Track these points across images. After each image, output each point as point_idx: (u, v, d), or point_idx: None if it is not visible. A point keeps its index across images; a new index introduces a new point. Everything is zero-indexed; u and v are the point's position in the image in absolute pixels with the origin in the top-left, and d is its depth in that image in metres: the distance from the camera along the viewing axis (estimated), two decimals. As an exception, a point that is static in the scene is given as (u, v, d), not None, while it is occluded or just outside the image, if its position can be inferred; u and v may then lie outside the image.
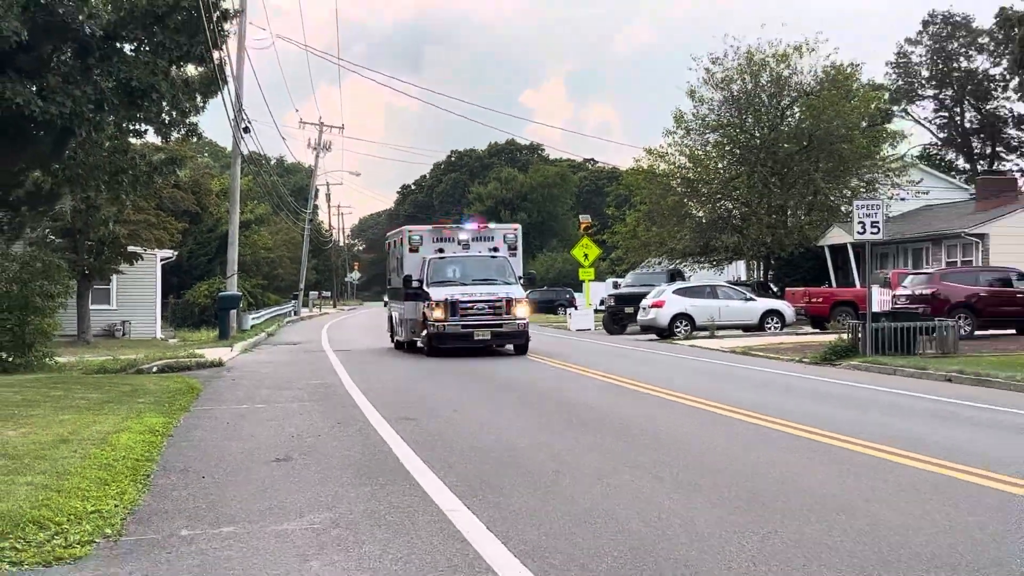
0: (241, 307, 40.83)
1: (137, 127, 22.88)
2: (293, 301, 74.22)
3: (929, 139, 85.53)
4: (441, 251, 28.51)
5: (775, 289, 45.67)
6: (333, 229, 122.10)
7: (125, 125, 22.23)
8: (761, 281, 48.61)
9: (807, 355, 24.88)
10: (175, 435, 12.73)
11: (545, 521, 7.87)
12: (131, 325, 41.52)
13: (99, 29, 19.28)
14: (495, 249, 29.00)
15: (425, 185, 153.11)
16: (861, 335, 23.84)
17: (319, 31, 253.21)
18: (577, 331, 43.00)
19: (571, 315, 48.46)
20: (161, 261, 43.19)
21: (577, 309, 48.11)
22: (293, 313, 70.03)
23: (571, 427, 13.46)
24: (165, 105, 21.66)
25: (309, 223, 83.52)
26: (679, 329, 35.30)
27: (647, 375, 20.79)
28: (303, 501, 8.72)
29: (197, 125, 24.00)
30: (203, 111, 23.53)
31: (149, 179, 24.71)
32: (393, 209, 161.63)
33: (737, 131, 49.68)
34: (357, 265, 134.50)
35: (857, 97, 49.58)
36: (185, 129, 23.41)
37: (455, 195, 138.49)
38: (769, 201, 48.18)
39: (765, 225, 47.64)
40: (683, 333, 35.14)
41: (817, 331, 35.50)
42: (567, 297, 66.46)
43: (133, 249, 38.67)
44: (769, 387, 18.79)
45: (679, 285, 39.66)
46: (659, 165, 52.26)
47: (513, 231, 30.27)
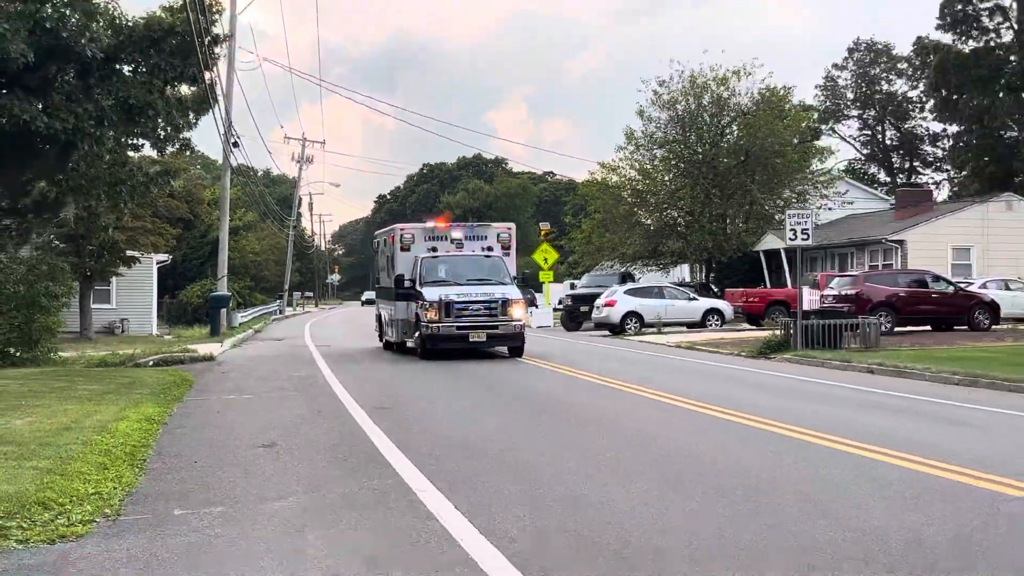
0: (230, 306, 40.56)
1: (135, 141, 22.71)
2: (278, 301, 73.76)
3: (854, 155, 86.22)
4: (434, 250, 25.34)
5: (716, 290, 45.85)
6: (315, 235, 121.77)
7: (124, 140, 22.07)
8: (703, 282, 48.77)
9: (744, 349, 25.02)
10: (169, 423, 12.68)
11: (504, 496, 7.92)
12: (129, 323, 41.34)
13: (100, 52, 19.20)
14: (489, 248, 25.76)
15: (399, 195, 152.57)
16: (793, 331, 23.99)
17: (302, 55, 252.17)
18: (538, 327, 42.96)
19: (532, 313, 48.44)
20: (157, 264, 43.05)
21: (538, 308, 48.13)
22: (278, 312, 69.60)
23: (530, 414, 13.53)
24: (160, 121, 21.51)
25: (293, 230, 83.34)
26: (629, 326, 35.44)
27: (600, 367, 20.82)
28: (286, 483, 8.72)
29: (190, 140, 23.91)
30: (195, 127, 23.40)
31: (146, 189, 24.50)
32: (370, 217, 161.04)
33: (681, 147, 49.80)
34: (337, 268, 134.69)
35: (789, 117, 49.89)
36: (179, 143, 23.28)
37: (427, 204, 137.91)
38: (710, 210, 48.37)
39: (707, 232, 47.83)
40: (633, 329, 35.27)
41: (753, 328, 35.68)
42: (528, 297, 66.35)
43: (131, 253, 38.52)
44: (710, 378, 18.91)
45: (629, 286, 39.84)
46: (611, 177, 52.33)
47: (507, 230, 26.62)
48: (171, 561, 6.25)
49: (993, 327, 30.04)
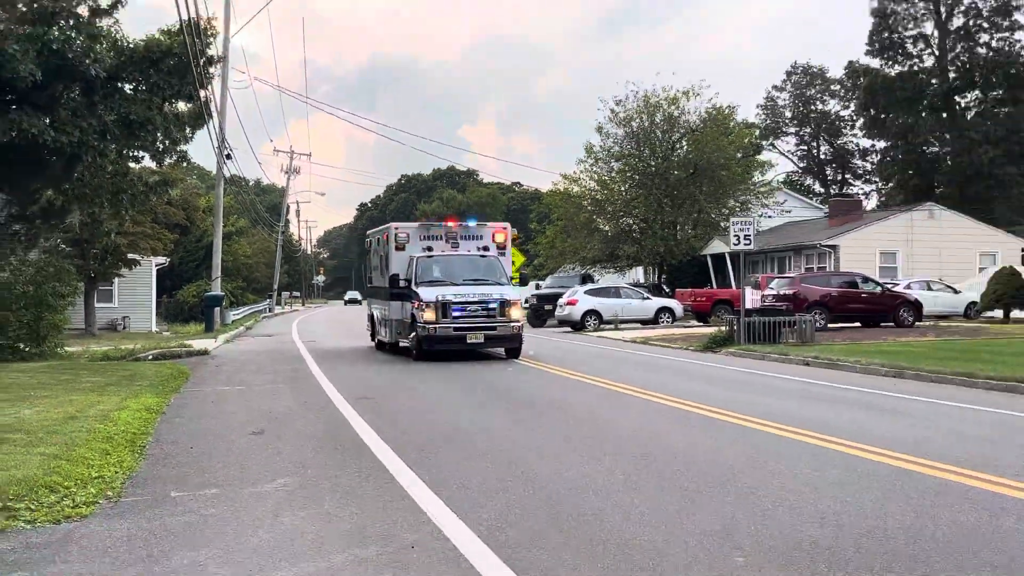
0: (224, 305, 40.32)
1: (135, 154, 22.45)
2: (268, 300, 73.25)
3: (791, 168, 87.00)
4: (429, 249, 22.88)
5: (667, 290, 46.02)
6: (302, 240, 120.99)
7: (125, 152, 21.83)
8: (656, 283, 48.94)
9: (693, 344, 25.13)
10: (167, 412, 12.59)
11: (473, 476, 7.93)
12: (130, 320, 40.99)
13: (103, 71, 19.04)
14: (485, 248, 23.28)
15: (379, 203, 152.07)
16: (736, 327, 24.14)
17: (290, 74, 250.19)
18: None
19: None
20: (156, 266, 42.68)
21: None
22: (268, 310, 69.09)
23: (499, 403, 13.52)
24: (159, 135, 21.33)
25: (281, 235, 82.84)
26: (589, 323, 35.49)
27: (562, 359, 20.91)
28: (275, 466, 8.68)
29: (187, 152, 23.74)
30: (191, 140, 23.18)
31: (145, 197, 24.32)
32: (352, 223, 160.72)
33: (636, 160, 49.96)
34: (322, 270, 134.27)
35: (733, 133, 50.13)
36: (176, 155, 23.04)
37: (405, 212, 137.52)
38: (662, 218, 48.57)
39: (659, 238, 48.02)
40: (592, 326, 35.33)
41: (701, 324, 35.83)
42: (497, 296, 66.27)
43: (132, 256, 38.13)
44: (662, 370, 18.97)
45: (589, 287, 39.89)
46: (573, 188, 52.44)
47: (503, 230, 24.08)
48: (168, 538, 6.22)
49: (917, 324, 30.33)
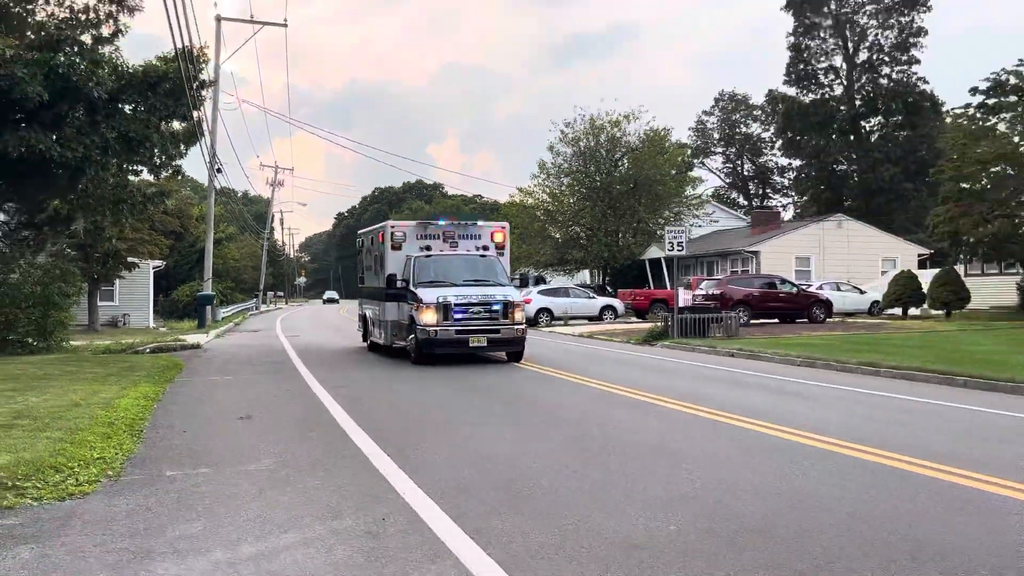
0: (214, 303, 39.89)
1: (134, 167, 22.15)
2: (255, 299, 72.54)
3: (719, 183, 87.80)
4: (427, 248, 20.05)
5: (611, 290, 46.28)
6: (285, 245, 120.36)
7: (125, 166, 21.54)
8: (601, 284, 49.18)
9: (633, 337, 25.29)
10: (163, 400, 12.44)
11: (440, 455, 7.93)
12: (130, 317, 40.54)
13: (105, 93, 18.79)
14: (484, 248, 20.49)
15: (355, 213, 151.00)
16: (671, 323, 24.33)
17: (275, 97, 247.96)
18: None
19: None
20: (153, 269, 42.25)
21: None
22: (255, 308, 68.33)
23: (460, 393, 13.51)
24: (156, 151, 21.09)
25: (267, 241, 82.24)
26: (542, 319, 35.56)
27: (528, 356, 20.88)
28: (261, 449, 8.61)
29: (181, 166, 23.37)
30: (185, 156, 22.94)
31: (144, 207, 24.05)
32: (331, 231, 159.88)
33: (583, 176, 50.09)
34: (303, 272, 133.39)
35: (668, 152, 50.45)
36: (172, 169, 22.78)
37: (378, 221, 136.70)
38: (606, 226, 48.78)
39: (603, 244, 48.23)
40: (545, 322, 35.41)
41: (640, 320, 36.09)
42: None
43: (132, 260, 37.78)
44: (605, 361, 19.05)
45: (542, 287, 40.00)
46: (528, 200, 52.50)
47: (502, 229, 21.14)
48: (164, 513, 6.15)
49: (827, 320, 30.80)
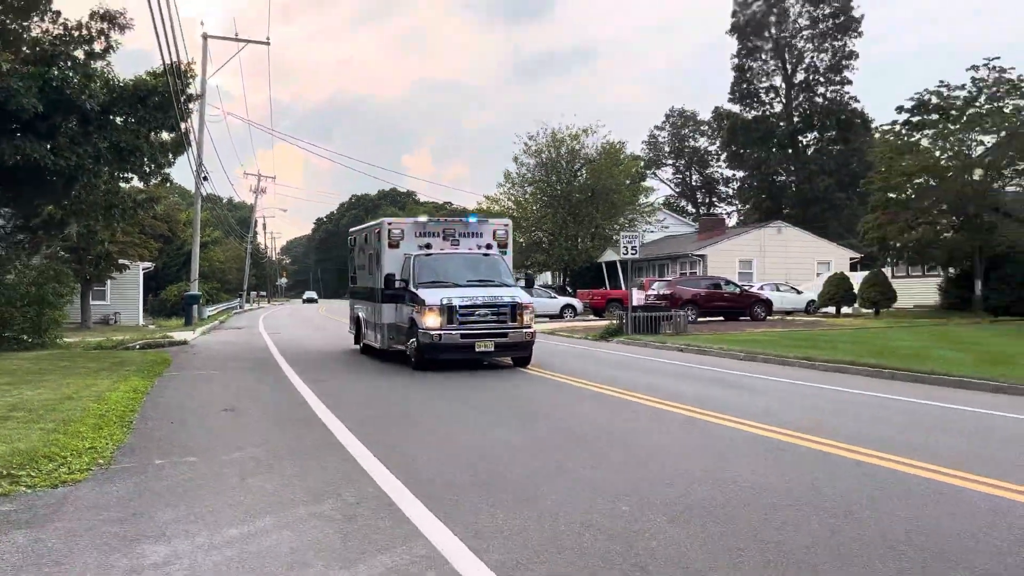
0: (201, 302, 39.45)
1: (125, 175, 21.80)
2: (239, 298, 71.88)
3: (669, 192, 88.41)
4: (427, 247, 17.46)
5: (570, 290, 46.40)
6: (267, 248, 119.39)
7: (116, 174, 21.20)
8: (561, 285, 49.32)
9: (591, 334, 25.36)
10: (152, 393, 12.27)
11: (412, 443, 7.93)
12: (121, 315, 39.89)
13: (97, 106, 18.52)
14: (487, 247, 17.81)
15: (333, 218, 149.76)
16: (625, 321, 24.45)
17: (258, 109, 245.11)
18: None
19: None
20: (143, 270, 41.66)
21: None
22: (239, 307, 67.73)
23: (432, 386, 13.49)
24: (146, 160, 20.77)
25: (250, 244, 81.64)
26: (506, 317, 35.47)
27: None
28: (244, 438, 8.54)
29: (169, 174, 22.98)
30: (173, 164, 22.59)
31: (134, 212, 23.77)
32: (311, 235, 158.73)
33: (545, 185, 50.24)
34: (284, 273, 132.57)
35: (623, 164, 50.77)
36: (160, 177, 22.41)
37: (355, 225, 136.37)
38: (566, 232, 48.96)
39: (564, 248, 48.44)
40: (509, 320, 35.34)
41: (597, 318, 36.20)
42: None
43: (122, 262, 37.19)
44: (566, 355, 19.10)
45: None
46: (494, 207, 52.50)
47: (504, 227, 18.45)
48: (152, 499, 6.08)
49: (768, 318, 31.14)
